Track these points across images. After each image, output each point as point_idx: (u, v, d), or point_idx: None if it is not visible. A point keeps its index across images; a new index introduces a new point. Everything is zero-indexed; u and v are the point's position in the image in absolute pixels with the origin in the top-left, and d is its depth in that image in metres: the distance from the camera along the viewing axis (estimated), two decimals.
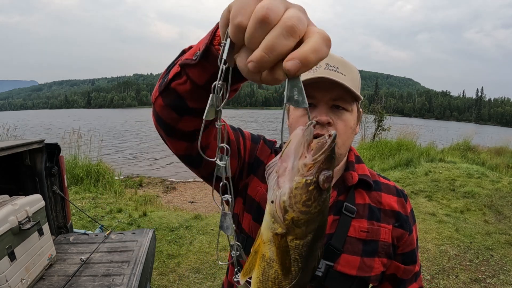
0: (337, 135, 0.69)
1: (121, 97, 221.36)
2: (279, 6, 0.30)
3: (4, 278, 1.57)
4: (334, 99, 0.69)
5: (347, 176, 0.76)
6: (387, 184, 0.80)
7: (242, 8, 0.31)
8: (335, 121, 0.70)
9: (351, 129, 0.73)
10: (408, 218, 0.76)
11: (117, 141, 16.68)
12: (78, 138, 6.86)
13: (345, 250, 0.70)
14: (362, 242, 0.71)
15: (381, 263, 0.72)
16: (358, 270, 0.69)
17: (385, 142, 8.96)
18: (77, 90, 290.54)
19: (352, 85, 0.69)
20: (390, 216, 0.75)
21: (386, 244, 0.72)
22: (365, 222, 0.72)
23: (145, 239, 2.34)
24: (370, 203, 0.75)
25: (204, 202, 5.91)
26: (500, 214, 4.78)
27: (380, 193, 0.77)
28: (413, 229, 0.78)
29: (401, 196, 0.78)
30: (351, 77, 0.70)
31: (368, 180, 0.76)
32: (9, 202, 1.81)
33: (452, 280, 3.07)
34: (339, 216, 0.72)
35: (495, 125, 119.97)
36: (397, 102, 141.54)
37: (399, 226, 0.75)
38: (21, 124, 12.61)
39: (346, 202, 0.73)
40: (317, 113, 0.69)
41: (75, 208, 3.75)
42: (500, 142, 10.70)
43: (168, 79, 0.51)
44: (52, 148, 2.53)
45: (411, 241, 0.76)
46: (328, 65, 0.69)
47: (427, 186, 6.04)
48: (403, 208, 0.77)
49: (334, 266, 0.69)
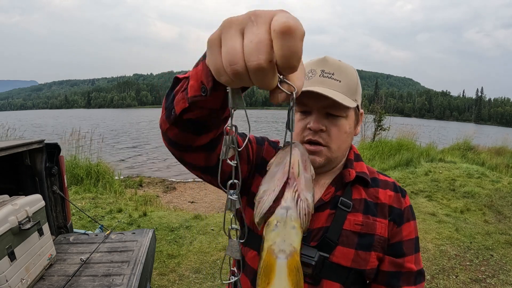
0: (331, 140, 0.72)
1: (121, 97, 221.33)
2: (265, 38, 0.29)
3: (4, 278, 1.57)
4: (326, 107, 0.71)
5: (345, 173, 0.78)
6: (386, 181, 0.81)
7: (232, 54, 0.30)
8: (329, 127, 0.72)
9: (346, 134, 0.74)
10: (402, 212, 0.77)
11: (117, 141, 16.68)
12: (78, 138, 6.85)
13: (340, 242, 0.72)
14: (357, 235, 0.72)
15: (378, 258, 0.73)
16: (353, 262, 0.71)
17: (385, 142, 8.96)
18: (77, 90, 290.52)
19: (345, 91, 0.70)
20: (386, 211, 0.76)
21: (382, 239, 0.73)
22: (360, 216, 0.74)
23: (145, 239, 2.34)
24: (366, 198, 0.76)
25: (204, 202, 5.91)
26: (500, 214, 4.78)
27: (377, 189, 0.79)
28: (406, 223, 0.76)
29: (398, 192, 0.79)
30: (346, 82, 0.71)
31: (365, 177, 0.78)
32: (9, 202, 1.81)
33: (452, 280, 3.07)
34: (335, 210, 0.74)
35: (495, 125, 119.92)
36: (397, 102, 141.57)
37: (392, 219, 0.76)
38: (21, 125, 12.62)
39: (342, 197, 0.75)
40: (310, 119, 0.72)
41: (75, 208, 3.75)
42: (500, 142, 10.70)
43: (176, 114, 0.50)
44: (52, 148, 2.53)
45: (398, 234, 0.75)
46: (323, 72, 0.71)
47: (427, 186, 6.04)
48: (398, 203, 0.77)
49: (329, 257, 0.71)
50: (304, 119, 0.74)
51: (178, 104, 0.49)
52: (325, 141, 0.72)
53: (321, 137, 0.72)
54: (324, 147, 0.73)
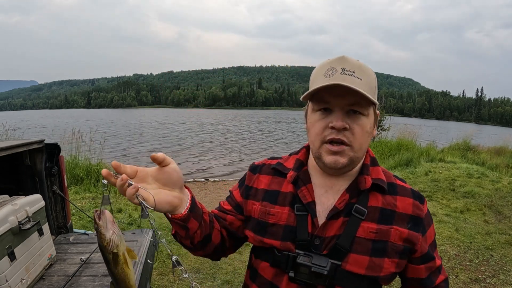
0: (354, 139, 0.71)
1: (121, 97, 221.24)
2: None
3: (4, 278, 1.57)
4: (349, 105, 0.69)
5: (360, 180, 0.76)
6: (403, 187, 0.79)
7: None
8: (352, 125, 0.70)
9: (367, 133, 0.72)
10: (422, 220, 0.76)
11: (117, 141, 16.67)
12: (78, 139, 6.85)
13: (353, 250, 0.71)
14: (371, 242, 0.71)
15: (392, 264, 0.72)
16: (367, 269, 0.70)
17: (385, 142, 8.96)
18: (77, 90, 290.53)
19: (367, 90, 0.68)
20: (404, 219, 0.74)
21: (397, 245, 0.72)
22: (375, 224, 0.73)
23: (145, 239, 2.34)
24: (383, 205, 0.75)
25: (204, 202, 5.89)
26: (500, 214, 4.78)
27: (395, 196, 0.77)
28: (428, 230, 0.78)
29: (417, 199, 0.78)
30: (367, 81, 0.69)
31: (381, 184, 0.76)
32: (9, 202, 1.81)
33: (452, 280, 3.07)
34: (348, 217, 0.73)
35: (495, 125, 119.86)
36: (397, 102, 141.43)
37: (413, 228, 0.74)
38: (22, 125, 12.60)
39: (356, 204, 0.73)
40: (333, 118, 0.70)
41: (75, 208, 3.75)
42: (500, 142, 10.69)
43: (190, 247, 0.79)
44: (52, 148, 2.53)
45: (425, 242, 0.77)
46: (344, 69, 0.68)
47: (427, 186, 6.04)
48: (418, 211, 0.76)
49: (342, 265, 0.70)
50: (325, 118, 0.71)
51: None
52: (348, 140, 0.70)
53: (345, 135, 0.69)
54: (347, 146, 0.70)
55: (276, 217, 0.78)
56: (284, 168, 0.84)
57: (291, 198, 0.78)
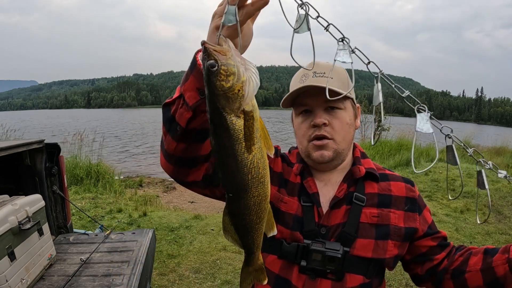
0: (335, 132, 0.77)
1: (121, 97, 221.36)
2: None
3: (4, 278, 1.57)
4: (325, 102, 0.76)
5: (354, 170, 0.83)
6: (393, 175, 0.87)
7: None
8: (331, 120, 0.78)
9: (348, 125, 0.80)
10: (417, 200, 0.84)
11: (117, 141, 16.67)
12: (78, 139, 6.85)
13: (359, 235, 0.76)
14: (374, 226, 0.77)
15: (394, 246, 0.78)
16: (373, 252, 0.75)
17: (385, 142, 8.96)
18: (77, 90, 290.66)
19: (339, 86, 0.75)
20: (400, 202, 0.81)
21: (397, 228, 0.78)
22: (375, 209, 0.79)
23: (145, 239, 2.34)
24: (379, 191, 0.81)
25: (204, 202, 5.90)
26: (500, 214, 4.78)
27: (388, 182, 0.84)
28: (424, 210, 0.84)
29: (408, 183, 0.85)
30: (338, 78, 0.78)
31: (374, 172, 0.83)
32: (9, 202, 1.81)
33: None
34: (350, 205, 0.78)
35: (495, 125, 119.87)
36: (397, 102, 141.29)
37: (409, 209, 0.81)
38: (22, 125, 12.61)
39: (356, 193, 0.79)
40: (313, 117, 0.78)
41: (75, 208, 3.75)
42: (500, 142, 10.69)
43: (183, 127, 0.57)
44: (52, 148, 2.53)
45: (424, 222, 0.83)
46: (315, 73, 0.77)
47: (427, 186, 6.04)
48: (411, 192, 0.84)
49: (350, 251, 0.75)
50: (307, 119, 0.80)
51: (181, 119, 0.56)
52: (330, 134, 0.77)
53: (326, 130, 0.77)
54: (330, 140, 0.78)
55: (288, 205, 0.81)
56: (289, 160, 0.90)
57: (298, 189, 0.83)
